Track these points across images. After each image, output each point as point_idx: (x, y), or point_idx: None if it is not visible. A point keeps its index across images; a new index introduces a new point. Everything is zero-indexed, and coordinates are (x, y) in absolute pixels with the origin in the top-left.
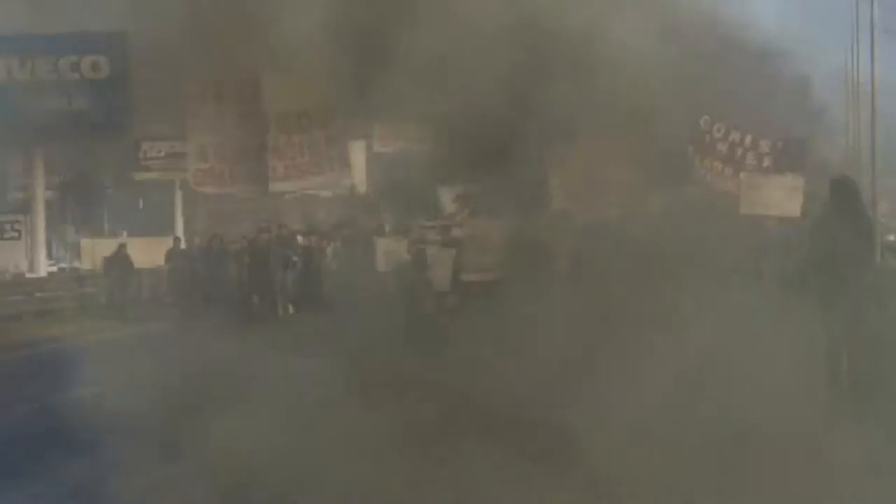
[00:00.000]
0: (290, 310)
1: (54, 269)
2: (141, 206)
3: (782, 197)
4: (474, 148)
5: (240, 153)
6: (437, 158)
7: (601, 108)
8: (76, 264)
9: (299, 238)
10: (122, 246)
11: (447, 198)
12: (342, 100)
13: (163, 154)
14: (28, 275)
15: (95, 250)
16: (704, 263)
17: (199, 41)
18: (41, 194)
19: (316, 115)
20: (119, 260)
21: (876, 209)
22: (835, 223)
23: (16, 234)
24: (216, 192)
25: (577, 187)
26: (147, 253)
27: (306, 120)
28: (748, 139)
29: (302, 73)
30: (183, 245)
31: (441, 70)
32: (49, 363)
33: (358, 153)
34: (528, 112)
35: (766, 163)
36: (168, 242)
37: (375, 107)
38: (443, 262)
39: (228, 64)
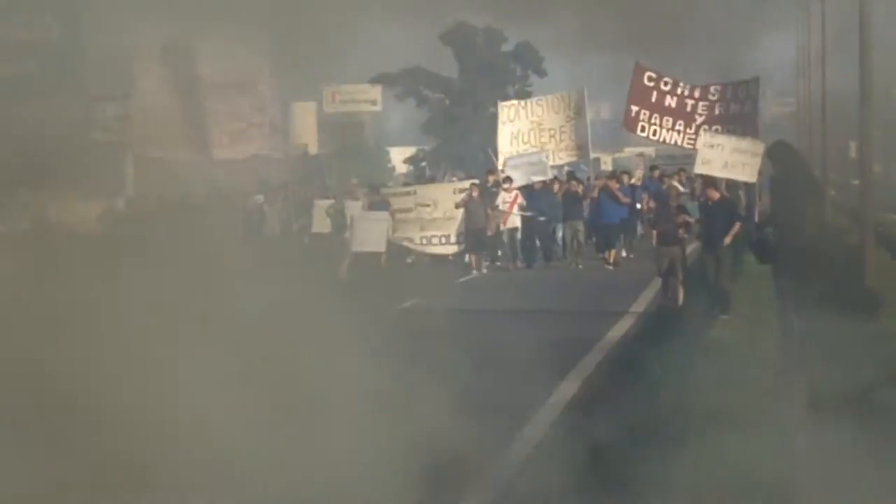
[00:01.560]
0: None
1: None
2: (93, 168)
3: (740, 160)
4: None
5: (181, 119)
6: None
7: None
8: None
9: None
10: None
11: (397, 159)
12: (268, 67)
13: (113, 116)
14: None
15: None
16: None
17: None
18: None
19: (238, 82)
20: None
21: (826, 168)
22: (782, 185)
23: None
24: (160, 157)
25: None
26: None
27: (229, 88)
28: (698, 90)
29: (228, 38)
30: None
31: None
32: None
33: (307, 115)
34: None
35: (718, 110)
36: (117, 205)
37: (320, 70)
38: (365, 227)
39: (170, 28)
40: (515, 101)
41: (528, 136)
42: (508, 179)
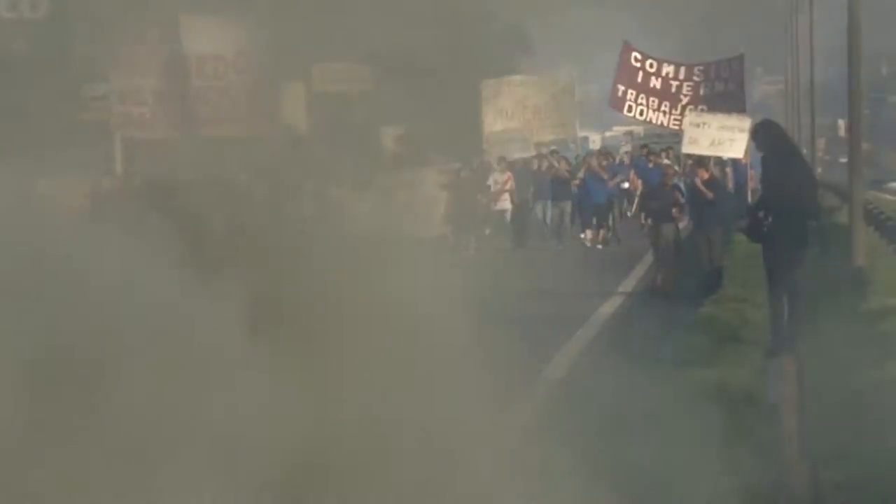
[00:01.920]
0: None
1: None
2: (83, 147)
3: (728, 137)
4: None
5: (159, 97)
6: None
7: None
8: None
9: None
10: None
11: (387, 139)
12: (262, 44)
13: (102, 95)
14: None
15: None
16: None
17: None
18: None
19: (231, 60)
20: None
21: (814, 147)
22: (771, 166)
23: None
24: (137, 136)
25: None
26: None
27: (222, 65)
28: (682, 71)
29: (221, 14)
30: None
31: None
32: None
33: (297, 95)
34: None
35: (703, 90)
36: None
37: (310, 48)
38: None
39: (149, 3)
40: (500, 79)
41: (512, 113)
42: (502, 160)
